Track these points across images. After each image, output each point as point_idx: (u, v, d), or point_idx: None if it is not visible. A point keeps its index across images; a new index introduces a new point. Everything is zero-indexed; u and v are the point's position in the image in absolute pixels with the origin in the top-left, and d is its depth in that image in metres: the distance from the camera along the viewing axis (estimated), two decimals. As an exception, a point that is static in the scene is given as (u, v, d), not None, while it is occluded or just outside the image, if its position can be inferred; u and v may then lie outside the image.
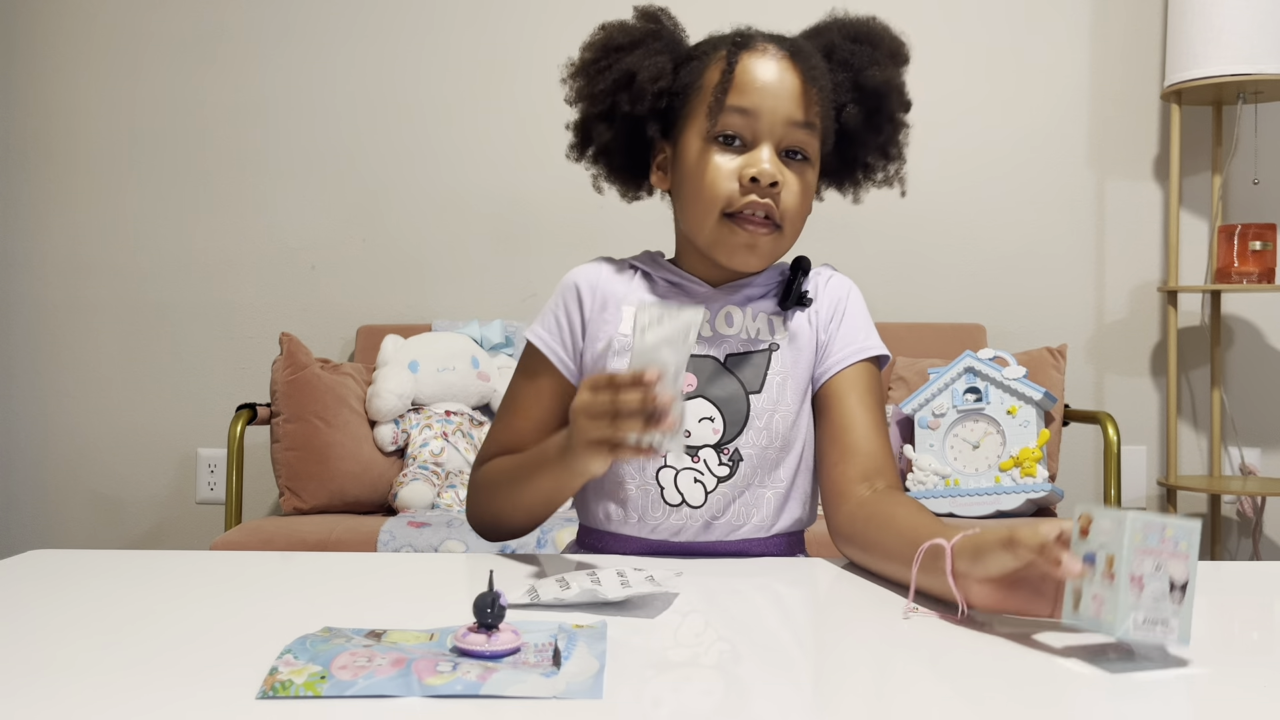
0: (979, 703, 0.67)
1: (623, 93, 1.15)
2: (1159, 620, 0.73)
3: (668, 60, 1.15)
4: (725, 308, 1.16)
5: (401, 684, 0.64)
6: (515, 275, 2.92)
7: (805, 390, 1.16)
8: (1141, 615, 0.73)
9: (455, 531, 2.08)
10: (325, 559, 1.13)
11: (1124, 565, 0.73)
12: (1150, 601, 0.73)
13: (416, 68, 2.94)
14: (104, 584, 0.96)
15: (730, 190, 1.10)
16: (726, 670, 0.73)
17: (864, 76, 1.15)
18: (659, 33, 1.18)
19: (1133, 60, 2.90)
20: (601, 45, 1.17)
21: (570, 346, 1.17)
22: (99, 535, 2.95)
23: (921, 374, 2.54)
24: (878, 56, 1.17)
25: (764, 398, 1.12)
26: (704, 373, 1.13)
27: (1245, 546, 2.88)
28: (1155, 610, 0.73)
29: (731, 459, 1.11)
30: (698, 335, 0.81)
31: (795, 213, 1.12)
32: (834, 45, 1.16)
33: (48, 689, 0.66)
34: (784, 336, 1.16)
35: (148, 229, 2.96)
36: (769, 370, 1.14)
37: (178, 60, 2.96)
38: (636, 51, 1.15)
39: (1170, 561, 0.74)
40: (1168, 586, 0.73)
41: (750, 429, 1.11)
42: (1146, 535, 0.73)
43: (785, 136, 1.11)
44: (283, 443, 2.41)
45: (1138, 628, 0.73)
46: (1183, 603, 0.73)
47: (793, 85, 1.10)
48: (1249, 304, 2.88)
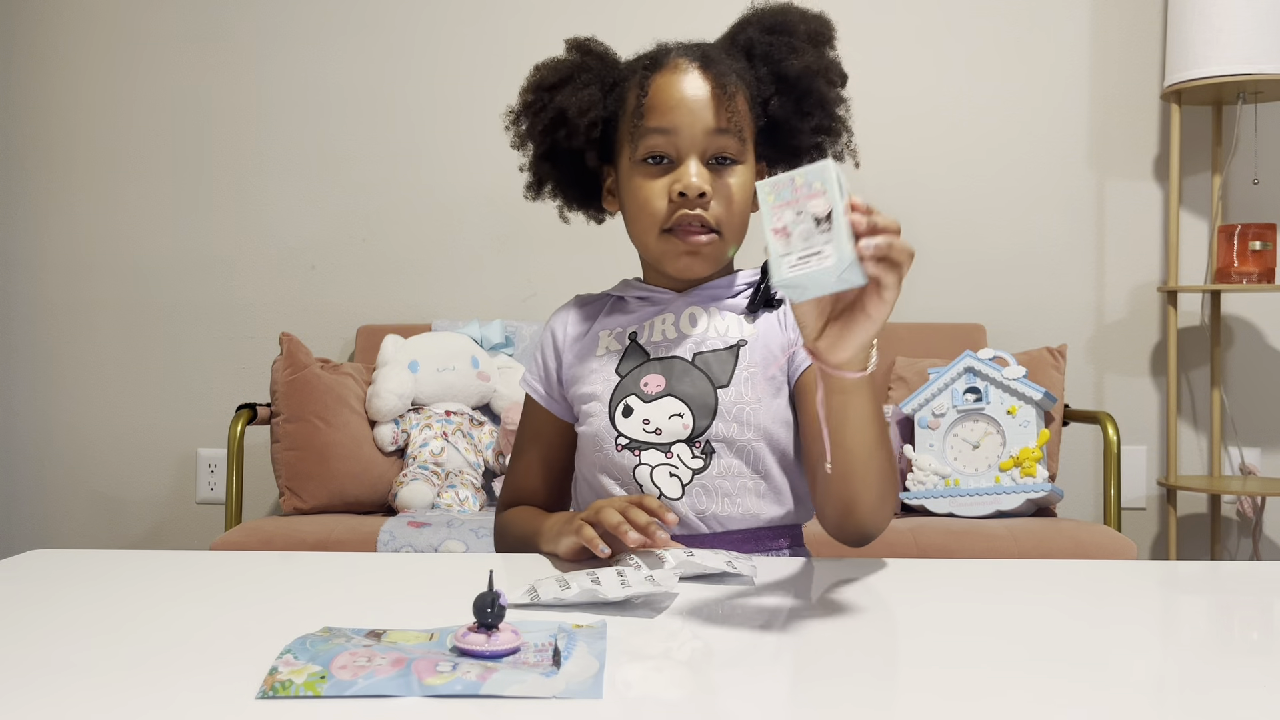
0: (978, 703, 0.67)
1: (559, 129, 1.22)
2: (812, 253, 0.79)
3: (596, 91, 1.21)
4: (689, 309, 1.20)
5: (401, 684, 0.64)
6: (515, 275, 2.92)
7: (780, 387, 1.17)
8: (794, 257, 0.79)
9: (455, 531, 2.08)
10: (325, 559, 1.13)
11: (766, 224, 0.80)
12: (800, 243, 0.79)
13: (417, 67, 2.94)
14: (104, 584, 0.96)
15: (662, 208, 1.16)
16: (727, 670, 0.73)
17: (784, 67, 1.19)
18: (587, 65, 1.23)
19: (1133, 60, 2.90)
20: (535, 86, 1.24)
21: (552, 384, 1.25)
22: (99, 535, 2.95)
23: (921, 374, 2.54)
24: (795, 43, 1.20)
25: (732, 391, 1.14)
26: (672, 371, 1.16)
27: (1245, 546, 2.88)
28: (806, 247, 0.79)
29: (704, 450, 1.13)
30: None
31: (730, 215, 1.17)
32: (753, 41, 1.21)
33: (48, 689, 0.66)
34: (752, 334, 1.18)
35: (148, 229, 2.96)
36: (737, 365, 1.16)
37: (178, 60, 2.96)
38: (566, 88, 1.22)
39: (809, 202, 0.79)
40: (813, 224, 0.79)
41: (719, 420, 1.13)
42: (778, 192, 0.80)
43: (708, 146, 1.15)
44: (283, 443, 2.41)
45: (793, 268, 0.79)
46: (830, 230, 0.79)
47: (706, 95, 1.15)
48: (1249, 304, 2.88)
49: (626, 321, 1.22)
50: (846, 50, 1.25)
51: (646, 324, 1.21)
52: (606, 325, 1.23)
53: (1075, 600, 0.93)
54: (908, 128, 2.86)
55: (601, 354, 1.21)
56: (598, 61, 1.23)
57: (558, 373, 1.25)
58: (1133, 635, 0.83)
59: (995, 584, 0.98)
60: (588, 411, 1.18)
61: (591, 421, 1.17)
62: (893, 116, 2.86)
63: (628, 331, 1.21)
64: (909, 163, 2.86)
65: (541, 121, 1.22)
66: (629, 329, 1.21)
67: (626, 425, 1.15)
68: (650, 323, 1.21)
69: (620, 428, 1.15)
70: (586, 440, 1.18)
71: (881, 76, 2.85)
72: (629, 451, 1.14)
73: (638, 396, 1.15)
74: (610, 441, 1.15)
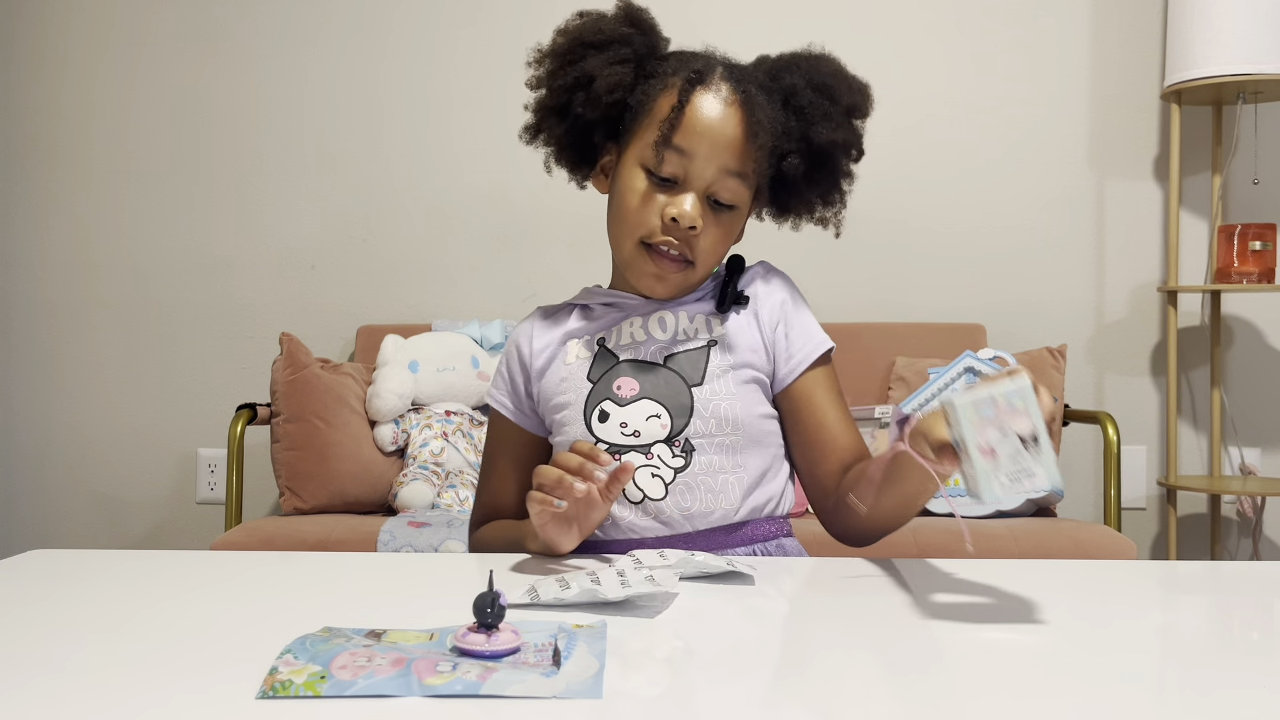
0: (978, 703, 0.67)
1: (579, 93, 1.18)
2: (1023, 473, 0.81)
3: (629, 71, 1.17)
4: (658, 313, 1.20)
5: (401, 684, 0.64)
6: (515, 275, 2.92)
7: (754, 382, 1.18)
8: (1004, 476, 0.81)
9: (455, 531, 2.08)
10: (325, 559, 1.13)
11: (970, 442, 0.81)
12: (1008, 463, 0.81)
13: (417, 67, 2.94)
14: (104, 584, 0.96)
15: (651, 224, 1.15)
16: (726, 670, 0.73)
17: (814, 132, 1.17)
18: (631, 39, 1.18)
19: (1133, 60, 2.90)
20: (574, 36, 1.19)
21: (521, 398, 1.24)
22: (99, 535, 2.95)
23: (921, 374, 2.54)
24: (833, 112, 1.18)
25: (706, 389, 1.15)
26: (645, 373, 1.16)
27: (1245, 546, 2.88)
28: (1016, 466, 0.81)
29: (684, 449, 1.14)
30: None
31: (709, 253, 1.17)
32: (796, 89, 1.18)
33: (48, 689, 0.66)
34: (721, 333, 1.19)
35: (148, 229, 2.96)
36: (708, 364, 1.16)
37: (178, 60, 2.96)
38: (603, 54, 1.17)
39: (1013, 421, 0.81)
40: (1020, 443, 0.81)
41: (697, 418, 1.14)
42: (979, 410, 0.82)
43: (715, 182, 1.14)
44: (283, 443, 2.41)
45: (1004, 488, 0.81)
46: (1039, 450, 0.81)
47: (734, 135, 1.13)
48: (1249, 304, 2.88)
49: (594, 328, 1.22)
50: (846, 51, 1.24)
51: (614, 329, 1.21)
52: (573, 333, 1.23)
53: (1075, 600, 0.93)
54: (908, 127, 2.86)
55: (571, 362, 1.20)
56: (642, 40, 1.19)
57: (525, 386, 1.23)
58: (1133, 635, 0.83)
59: (995, 584, 0.98)
60: (561, 420, 1.18)
61: (566, 430, 1.17)
62: (893, 116, 2.85)
63: (595, 338, 1.21)
64: (909, 163, 2.86)
65: (566, 77, 1.18)
66: (596, 335, 1.21)
67: (604, 430, 1.15)
68: (618, 327, 1.21)
69: (597, 433, 1.15)
70: (562, 449, 1.17)
71: (882, 76, 2.84)
72: (608, 455, 1.14)
73: (612, 400, 1.15)
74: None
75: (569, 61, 1.18)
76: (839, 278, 2.86)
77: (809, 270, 2.48)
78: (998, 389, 0.82)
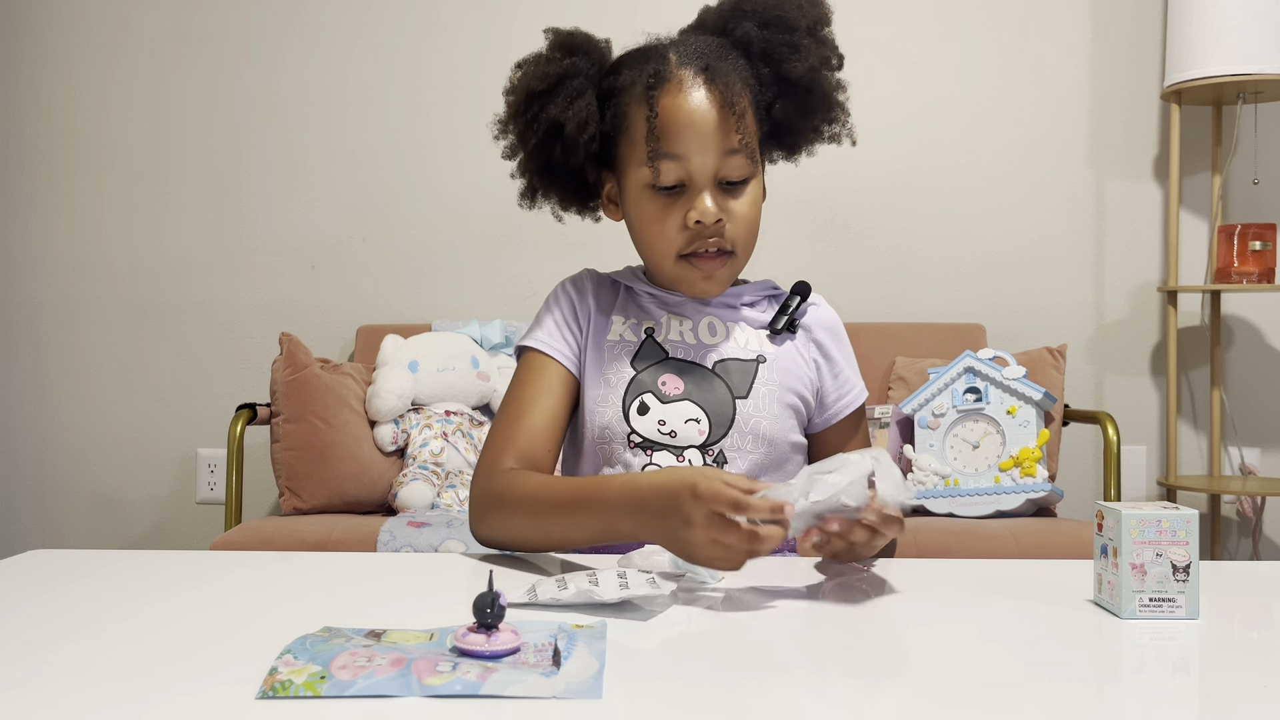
0: (978, 703, 0.67)
1: (554, 143, 1.16)
2: (1165, 599, 0.84)
3: (590, 100, 1.15)
4: (707, 318, 1.20)
5: (401, 684, 0.64)
6: (515, 275, 2.92)
7: (793, 410, 1.18)
8: (1146, 596, 0.84)
9: (455, 531, 2.08)
10: (325, 559, 1.13)
11: (1125, 555, 0.84)
12: (1154, 584, 0.84)
13: (417, 66, 2.94)
14: (104, 584, 0.96)
15: (679, 239, 1.13)
16: (726, 670, 0.73)
17: (787, 69, 1.15)
18: (576, 67, 1.16)
19: (1133, 60, 2.90)
20: (523, 91, 1.17)
21: (571, 342, 1.19)
22: (99, 535, 2.95)
23: (921, 374, 2.54)
24: (796, 40, 1.15)
25: (750, 403, 1.15)
26: (692, 376, 1.15)
27: (1245, 546, 2.88)
28: (1160, 590, 0.84)
29: (716, 460, 1.13)
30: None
31: (745, 235, 1.15)
32: (750, 37, 1.15)
33: (48, 689, 0.66)
34: (772, 353, 1.18)
35: (148, 229, 2.96)
36: (755, 379, 1.16)
37: (177, 60, 2.96)
38: (558, 96, 1.15)
39: (1171, 548, 0.84)
40: (1170, 570, 0.84)
41: (735, 432, 1.14)
42: (1143, 529, 0.84)
43: (720, 167, 1.12)
44: (283, 443, 2.41)
45: (1143, 607, 0.84)
46: (1187, 582, 0.84)
47: (715, 116, 1.10)
48: (1249, 304, 2.88)
49: (640, 314, 1.20)
50: (845, 51, 1.23)
51: (664, 321, 1.19)
52: (620, 312, 1.21)
53: (1075, 600, 0.92)
54: (908, 127, 2.86)
55: (615, 340, 1.18)
56: (586, 61, 1.17)
57: (577, 336, 1.19)
58: (1133, 635, 0.83)
59: (995, 584, 0.98)
60: (596, 397, 1.16)
61: (601, 412, 1.15)
62: (893, 116, 2.85)
63: (643, 325, 1.19)
64: (909, 162, 2.86)
65: (534, 134, 1.17)
66: (644, 323, 1.19)
67: (641, 423, 1.14)
68: (667, 320, 1.19)
69: (634, 424, 1.14)
70: (591, 425, 1.16)
71: (882, 76, 2.85)
72: (640, 450, 1.13)
73: (655, 395, 1.14)
74: (622, 437, 1.14)
75: (530, 118, 1.17)
76: (839, 278, 2.86)
77: (809, 271, 2.48)
78: (1167, 514, 0.85)
